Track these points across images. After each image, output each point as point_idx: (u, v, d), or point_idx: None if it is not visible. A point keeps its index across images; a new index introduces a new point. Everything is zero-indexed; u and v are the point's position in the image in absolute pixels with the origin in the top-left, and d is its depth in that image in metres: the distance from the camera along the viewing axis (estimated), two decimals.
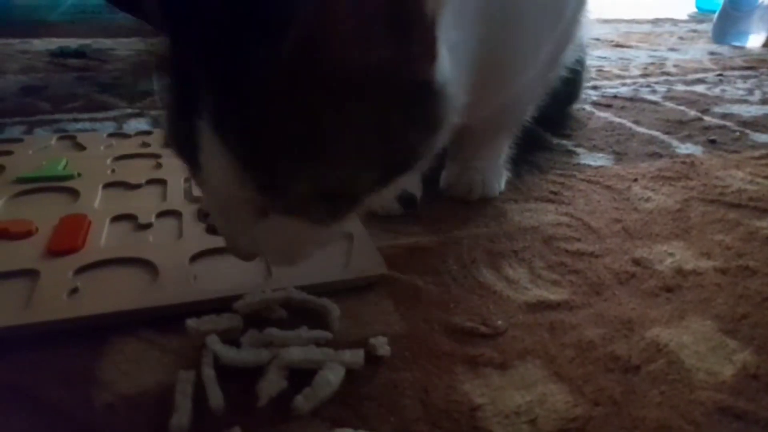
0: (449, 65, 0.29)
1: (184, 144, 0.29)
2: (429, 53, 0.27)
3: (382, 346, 0.34)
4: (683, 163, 0.64)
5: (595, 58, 1.19)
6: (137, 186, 0.53)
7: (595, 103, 0.88)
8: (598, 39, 1.48)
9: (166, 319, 0.36)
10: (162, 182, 0.54)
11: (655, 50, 1.37)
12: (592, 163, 0.64)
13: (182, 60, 0.28)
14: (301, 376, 0.31)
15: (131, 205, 0.49)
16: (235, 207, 0.29)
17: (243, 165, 0.27)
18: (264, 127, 0.26)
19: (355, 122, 0.27)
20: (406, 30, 0.25)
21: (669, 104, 0.89)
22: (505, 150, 0.57)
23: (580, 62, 0.70)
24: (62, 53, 1.18)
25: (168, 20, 0.29)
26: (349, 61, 0.25)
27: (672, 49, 1.38)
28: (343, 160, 0.28)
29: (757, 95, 0.95)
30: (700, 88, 0.99)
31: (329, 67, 0.25)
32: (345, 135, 0.27)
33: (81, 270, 0.40)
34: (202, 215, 0.47)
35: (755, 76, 1.09)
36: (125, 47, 1.26)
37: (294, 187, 0.28)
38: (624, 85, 1.01)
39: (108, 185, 0.53)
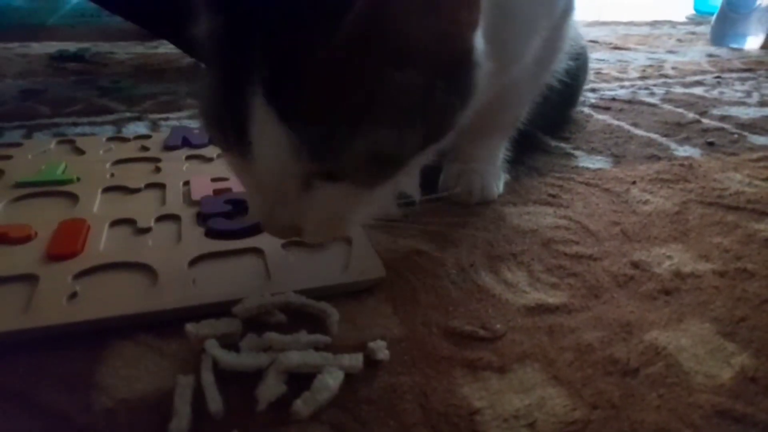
0: (480, 36, 0.32)
1: (230, 124, 0.30)
2: (474, 21, 0.30)
3: (381, 350, 0.34)
4: (681, 165, 0.64)
5: (593, 61, 1.19)
6: (136, 190, 0.53)
7: (593, 106, 0.89)
8: (596, 41, 1.48)
9: (165, 324, 0.36)
10: (161, 186, 0.54)
11: (654, 52, 1.37)
12: (591, 165, 0.64)
13: (231, 42, 0.30)
14: (300, 381, 0.31)
15: (130, 209, 0.49)
16: (283, 181, 0.31)
17: (300, 135, 0.28)
18: (322, 97, 0.28)
19: (406, 88, 0.29)
20: (454, 2, 0.28)
21: (667, 106, 0.89)
22: (501, 152, 0.58)
23: (581, 68, 0.71)
24: (61, 57, 1.18)
25: (216, 3, 0.30)
26: (409, 31, 0.28)
27: (670, 51, 1.38)
28: (393, 124, 0.30)
29: (755, 97, 0.95)
30: (698, 90, 0.99)
31: (390, 38, 0.28)
32: (397, 100, 0.29)
33: (80, 274, 0.40)
34: (202, 219, 0.47)
35: (753, 78, 1.09)
36: (124, 51, 1.27)
37: (347, 152, 0.29)
38: (622, 87, 1.01)
39: (107, 189, 0.53)
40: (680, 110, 0.87)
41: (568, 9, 0.50)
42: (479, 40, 0.32)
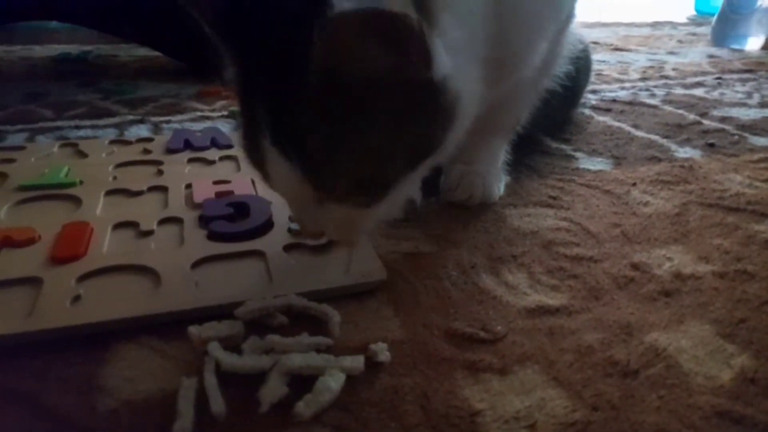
0: (451, 62, 0.34)
1: (255, 156, 0.36)
2: (425, 58, 0.32)
3: (382, 351, 0.34)
4: (682, 167, 0.65)
5: (594, 62, 1.19)
6: (139, 193, 0.54)
7: (594, 107, 0.89)
8: (597, 42, 1.48)
9: (168, 326, 0.36)
10: (163, 189, 0.54)
11: (654, 53, 1.37)
12: (591, 167, 0.65)
13: (245, 91, 0.36)
14: (302, 383, 0.32)
15: (133, 212, 0.50)
16: (299, 199, 0.37)
17: (298, 169, 0.33)
18: (309, 137, 0.33)
19: (376, 121, 0.33)
20: (401, 44, 0.30)
21: (668, 108, 0.89)
22: (502, 154, 0.58)
23: (581, 71, 0.71)
24: (64, 60, 1.19)
25: (236, 57, 0.36)
26: (361, 73, 0.31)
27: (671, 53, 1.38)
28: (372, 154, 0.34)
29: (756, 98, 0.95)
30: (698, 92, 1.00)
31: (348, 82, 0.31)
32: (371, 133, 0.33)
33: (84, 277, 0.40)
34: (204, 221, 0.48)
35: (754, 79, 1.10)
36: (126, 53, 1.27)
37: (338, 181, 0.34)
38: (623, 88, 1.02)
39: (110, 192, 0.54)
40: (681, 111, 0.87)
41: (570, 16, 0.51)
42: (444, 68, 0.33)
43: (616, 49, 1.43)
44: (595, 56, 1.27)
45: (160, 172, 0.58)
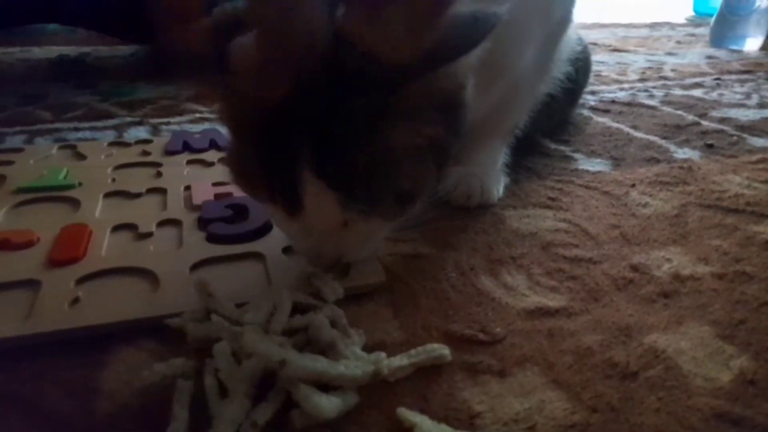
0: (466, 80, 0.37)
1: (284, 192, 0.35)
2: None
3: None
4: (681, 168, 0.65)
5: (593, 63, 1.19)
6: (137, 195, 0.54)
7: (592, 108, 0.89)
8: (595, 44, 1.49)
9: (166, 329, 0.36)
10: (162, 191, 0.54)
11: (653, 54, 1.37)
12: (590, 168, 0.65)
13: (276, 129, 0.34)
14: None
15: (132, 214, 0.50)
16: (329, 228, 0.37)
17: (345, 198, 0.34)
18: (360, 170, 0.34)
19: (420, 142, 0.35)
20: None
21: (666, 109, 0.89)
22: (501, 156, 0.58)
23: (580, 71, 0.71)
24: (62, 62, 1.18)
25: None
26: (422, 106, 0.34)
27: (670, 53, 1.39)
28: (412, 172, 0.36)
29: (755, 99, 0.95)
30: (697, 93, 1.00)
31: (408, 116, 0.34)
32: (416, 152, 0.35)
33: (82, 280, 0.40)
34: (203, 223, 0.48)
35: (752, 80, 1.10)
36: (124, 55, 1.27)
37: (382, 202, 0.36)
38: (622, 89, 1.02)
39: (108, 194, 0.54)
40: (679, 112, 0.87)
41: (565, 20, 0.51)
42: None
43: (615, 50, 1.43)
44: (594, 57, 1.26)
45: (159, 174, 0.58)
